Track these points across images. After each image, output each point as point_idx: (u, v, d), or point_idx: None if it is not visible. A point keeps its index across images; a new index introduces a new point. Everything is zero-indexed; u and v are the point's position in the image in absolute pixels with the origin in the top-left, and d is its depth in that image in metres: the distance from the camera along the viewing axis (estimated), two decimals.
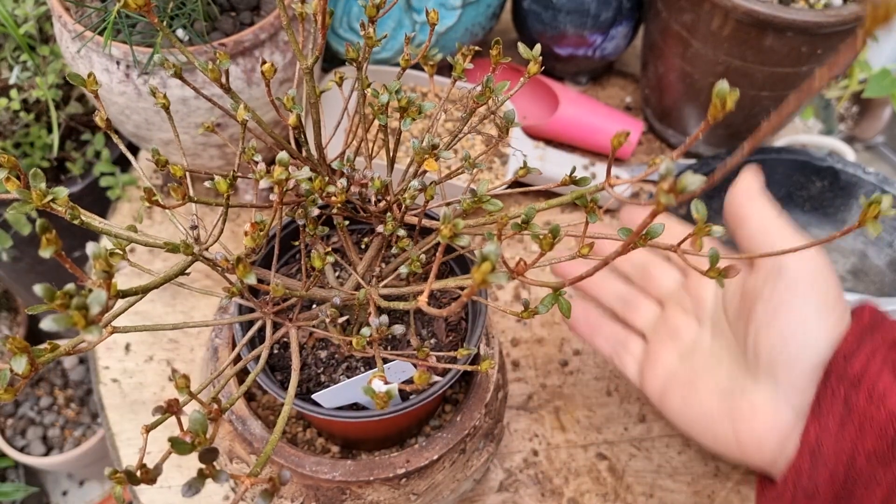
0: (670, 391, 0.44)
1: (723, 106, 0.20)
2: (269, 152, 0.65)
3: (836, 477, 0.34)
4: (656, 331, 0.47)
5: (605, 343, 0.50)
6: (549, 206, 0.34)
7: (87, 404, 1.06)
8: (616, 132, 0.28)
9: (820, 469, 0.35)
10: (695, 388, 0.43)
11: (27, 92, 0.70)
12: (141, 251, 0.69)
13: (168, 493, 0.57)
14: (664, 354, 0.46)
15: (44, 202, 0.28)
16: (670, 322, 0.46)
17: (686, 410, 0.43)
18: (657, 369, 0.46)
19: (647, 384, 0.46)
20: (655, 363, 0.46)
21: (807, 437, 0.36)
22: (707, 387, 0.42)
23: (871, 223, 0.27)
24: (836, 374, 0.36)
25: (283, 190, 0.29)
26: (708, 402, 0.42)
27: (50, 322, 0.20)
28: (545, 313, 0.28)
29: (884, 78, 0.78)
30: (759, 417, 0.39)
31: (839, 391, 0.35)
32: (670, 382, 0.44)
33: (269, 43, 0.56)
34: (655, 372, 0.46)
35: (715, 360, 0.43)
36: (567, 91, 0.78)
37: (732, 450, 0.40)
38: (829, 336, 0.37)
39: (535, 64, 0.34)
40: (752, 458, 0.39)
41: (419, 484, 0.45)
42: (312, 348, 0.44)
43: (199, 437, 0.24)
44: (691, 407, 0.43)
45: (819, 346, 0.37)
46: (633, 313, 0.49)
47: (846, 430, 0.34)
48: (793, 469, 0.36)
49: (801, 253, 0.39)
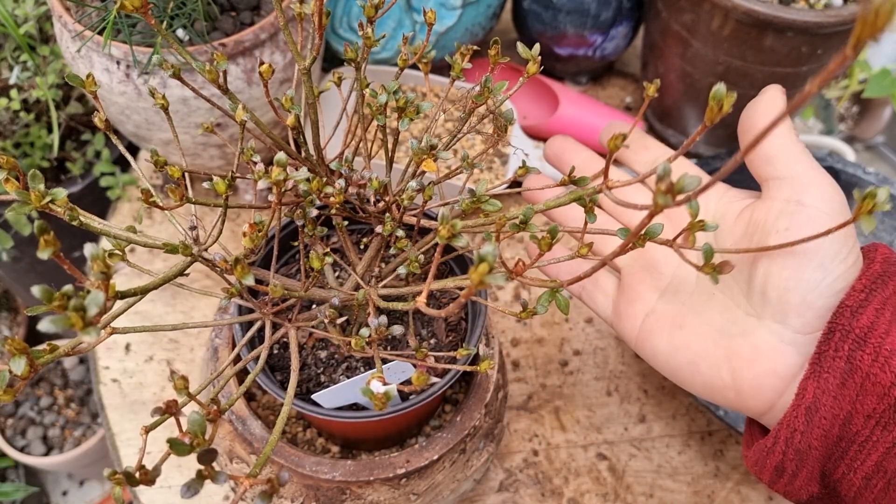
0: (651, 332, 0.40)
1: (719, 108, 0.20)
2: (268, 153, 0.65)
3: (830, 435, 0.33)
4: (633, 265, 0.43)
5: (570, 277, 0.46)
6: (547, 206, 0.34)
7: (87, 404, 1.06)
8: (614, 133, 0.28)
9: (815, 428, 0.33)
10: (683, 330, 0.39)
11: (27, 92, 0.70)
12: (140, 251, 0.69)
13: (168, 493, 0.57)
14: (642, 290, 0.41)
15: (43, 203, 0.28)
16: (647, 254, 0.42)
17: (672, 353, 0.39)
18: (634, 307, 0.41)
19: (622, 323, 0.42)
20: (632, 300, 0.41)
21: (803, 394, 0.33)
22: (698, 328, 0.38)
23: (864, 218, 0.27)
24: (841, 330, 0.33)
25: (281, 190, 0.29)
26: (699, 344, 0.38)
27: (48, 323, 0.20)
28: (544, 313, 0.28)
29: (884, 78, 0.78)
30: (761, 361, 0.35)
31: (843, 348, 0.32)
32: (650, 322, 0.40)
33: (270, 43, 0.56)
34: (632, 310, 0.41)
35: (705, 299, 0.39)
36: (567, 91, 0.78)
37: (727, 394, 0.37)
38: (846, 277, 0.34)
39: (535, 64, 0.34)
40: (747, 403, 0.36)
41: (419, 484, 0.45)
42: (312, 348, 0.44)
43: (197, 438, 0.24)
44: (679, 350, 0.39)
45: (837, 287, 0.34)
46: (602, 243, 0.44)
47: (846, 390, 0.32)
48: (786, 425, 0.34)
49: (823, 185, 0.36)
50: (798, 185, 0.37)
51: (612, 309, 0.43)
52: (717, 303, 0.39)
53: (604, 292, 0.44)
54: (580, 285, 0.45)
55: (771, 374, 0.35)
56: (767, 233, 0.36)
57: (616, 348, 0.65)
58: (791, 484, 0.36)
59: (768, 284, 0.35)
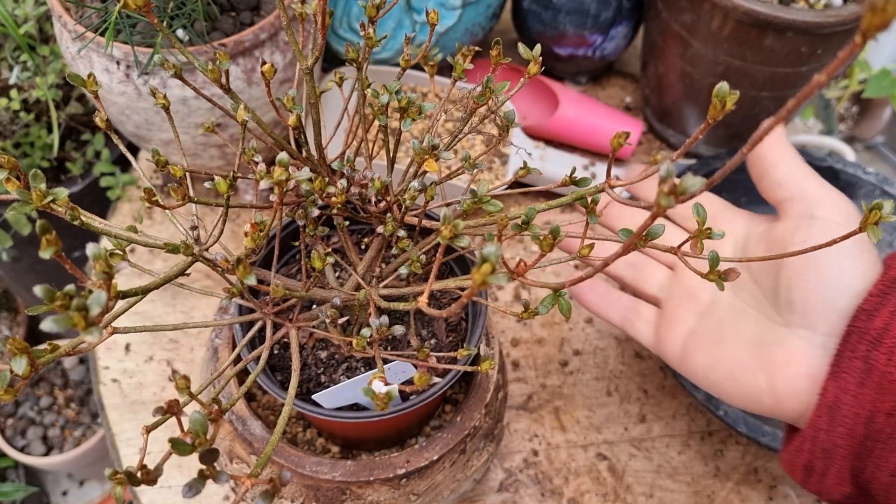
0: (693, 350, 0.43)
1: (722, 106, 0.20)
2: (270, 153, 0.65)
3: (855, 434, 0.34)
4: (671, 293, 0.47)
5: (615, 312, 0.49)
6: (549, 206, 0.34)
7: (87, 404, 1.06)
8: (616, 133, 0.28)
9: (838, 427, 0.35)
10: (721, 344, 0.42)
11: (27, 92, 0.70)
12: (141, 251, 0.69)
13: (168, 493, 0.57)
14: (682, 314, 0.45)
15: (44, 203, 0.28)
16: (685, 283, 0.46)
17: (713, 367, 0.42)
18: (675, 330, 0.45)
19: (665, 346, 0.45)
20: (673, 324, 0.45)
21: (825, 395, 0.36)
22: (734, 341, 0.41)
23: (870, 228, 0.27)
24: (857, 332, 0.35)
25: (283, 190, 0.29)
26: (736, 356, 0.41)
27: (50, 323, 0.20)
28: (545, 314, 0.28)
29: (884, 78, 0.78)
30: (795, 364, 0.38)
31: (859, 349, 0.34)
32: (692, 341, 0.44)
33: (270, 43, 0.56)
34: (674, 333, 0.45)
35: (740, 315, 0.42)
36: (567, 91, 0.78)
37: (766, 401, 0.39)
38: (865, 279, 0.37)
39: (536, 64, 0.34)
40: (786, 407, 0.38)
41: (419, 484, 0.45)
42: (313, 349, 0.44)
43: (199, 438, 0.24)
44: (718, 363, 0.42)
45: (856, 288, 0.37)
46: (643, 279, 0.49)
47: (865, 389, 0.34)
48: (811, 425, 0.36)
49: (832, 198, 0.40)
50: (809, 202, 0.40)
51: (654, 335, 0.47)
52: (751, 317, 0.42)
53: (645, 321, 0.48)
54: (623, 316, 0.49)
55: (804, 377, 0.37)
56: (786, 246, 0.40)
57: (616, 348, 0.65)
58: (822, 483, 0.37)
59: (793, 293, 0.38)
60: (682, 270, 0.47)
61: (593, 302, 0.51)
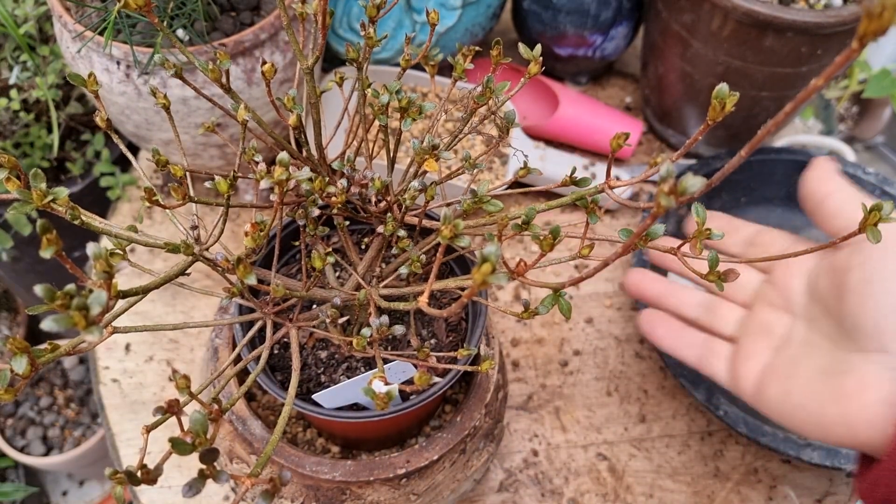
0: (768, 385, 0.44)
1: (722, 108, 0.20)
2: (270, 152, 0.65)
3: None
4: (746, 330, 0.48)
5: (690, 351, 0.51)
6: (549, 206, 0.34)
7: (87, 404, 1.06)
8: (616, 133, 0.28)
9: None
10: (794, 378, 0.42)
11: (27, 92, 0.70)
12: (141, 251, 0.69)
13: (168, 493, 0.57)
14: (757, 350, 0.46)
15: (44, 202, 0.28)
16: (760, 320, 0.47)
17: (787, 400, 0.42)
18: (750, 366, 0.46)
19: (740, 382, 0.46)
20: (748, 360, 0.46)
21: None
22: (807, 374, 0.42)
23: (870, 230, 0.27)
24: None
25: (283, 190, 0.29)
26: (809, 389, 0.41)
27: (50, 322, 0.20)
28: (545, 314, 0.28)
29: (884, 78, 0.78)
30: (869, 392, 0.37)
31: None
32: (767, 376, 0.44)
33: (270, 43, 0.56)
34: (748, 368, 0.46)
35: (813, 348, 0.43)
36: (567, 91, 0.78)
37: (837, 430, 0.39)
38: None
39: (536, 64, 0.34)
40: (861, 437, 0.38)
41: (419, 484, 0.45)
42: (313, 348, 0.44)
43: (199, 438, 0.24)
44: (792, 396, 0.42)
45: None
46: (717, 319, 0.50)
47: None
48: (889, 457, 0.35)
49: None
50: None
51: (729, 371, 0.48)
52: (823, 349, 0.42)
53: (721, 358, 0.49)
54: (699, 355, 0.50)
55: (879, 403, 0.37)
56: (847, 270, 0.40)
57: (616, 348, 0.65)
58: None
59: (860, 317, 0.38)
60: (757, 307, 0.48)
61: (667, 340, 0.52)
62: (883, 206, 0.27)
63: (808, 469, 0.59)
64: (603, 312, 0.67)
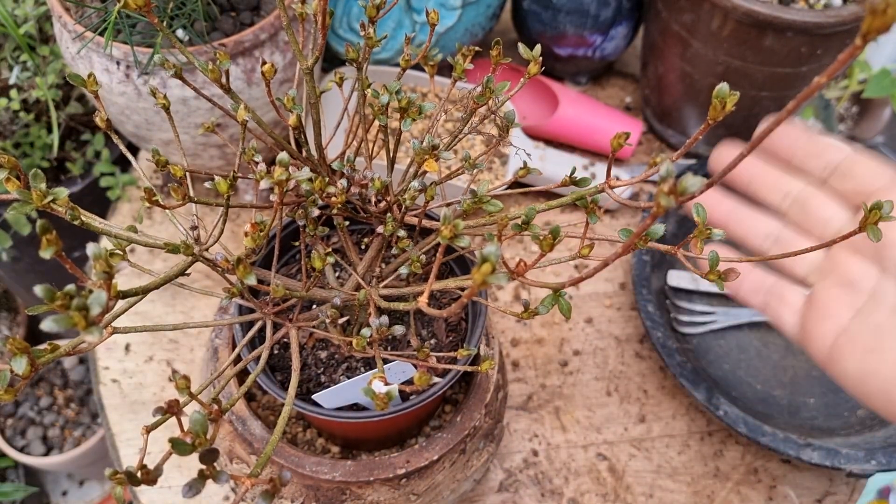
0: (843, 353, 0.38)
1: (722, 107, 0.20)
2: (270, 153, 0.65)
3: None
4: (824, 277, 0.40)
5: (753, 293, 0.43)
6: (549, 206, 0.34)
7: (87, 404, 1.06)
8: (616, 133, 0.28)
9: None
10: (875, 353, 0.36)
11: (27, 92, 0.70)
12: (141, 251, 0.69)
13: (168, 493, 0.57)
14: (835, 307, 0.39)
15: (44, 203, 0.28)
16: (840, 267, 0.39)
17: (864, 378, 0.37)
18: (825, 326, 0.39)
19: (811, 343, 0.40)
20: (823, 318, 0.39)
21: None
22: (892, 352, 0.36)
23: (870, 229, 0.27)
24: None
25: (283, 190, 0.29)
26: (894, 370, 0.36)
27: (50, 323, 0.20)
28: (545, 314, 0.28)
29: (884, 78, 0.78)
30: None
31: None
32: (843, 342, 0.38)
33: (270, 43, 0.56)
34: (823, 329, 0.39)
35: None
36: (567, 91, 0.78)
37: None
38: None
39: (536, 64, 0.34)
40: None
41: (419, 484, 0.45)
42: (312, 349, 0.44)
43: (199, 438, 0.24)
44: (875, 373, 0.36)
45: None
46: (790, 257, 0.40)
47: None
48: None
49: None
50: None
51: (800, 325, 0.41)
52: None
53: (790, 308, 0.41)
54: (765, 300, 0.43)
55: None
56: None
57: (616, 348, 0.65)
58: None
59: None
60: (839, 251, 0.40)
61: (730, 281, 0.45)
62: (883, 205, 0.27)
63: (808, 469, 0.59)
64: (603, 312, 0.67)
